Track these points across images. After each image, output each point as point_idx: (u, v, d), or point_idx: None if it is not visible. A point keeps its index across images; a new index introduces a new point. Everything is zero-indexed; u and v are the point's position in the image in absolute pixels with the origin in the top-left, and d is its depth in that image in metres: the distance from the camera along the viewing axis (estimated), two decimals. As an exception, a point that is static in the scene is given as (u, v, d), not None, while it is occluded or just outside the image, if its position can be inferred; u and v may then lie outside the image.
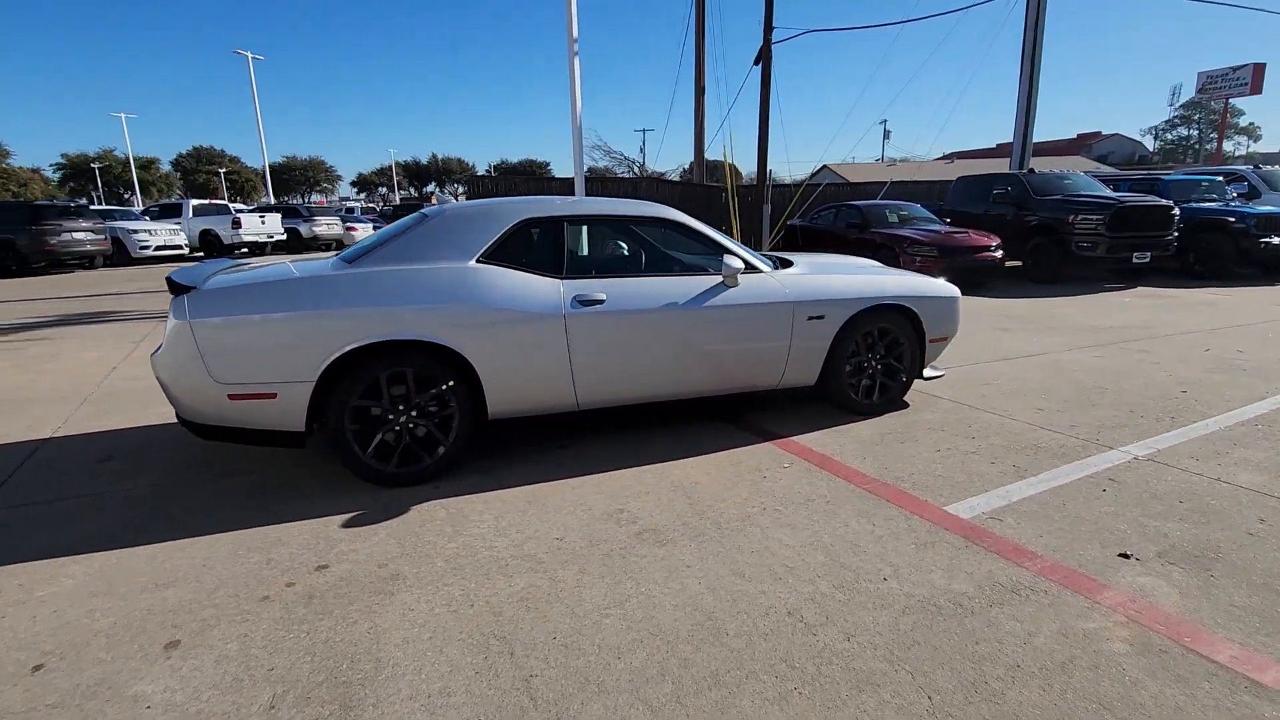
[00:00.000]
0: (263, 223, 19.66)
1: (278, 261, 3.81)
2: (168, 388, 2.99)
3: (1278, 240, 10.60)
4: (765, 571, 2.48)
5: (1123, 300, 8.86)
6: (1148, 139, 67.55)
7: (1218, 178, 12.87)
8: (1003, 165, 18.66)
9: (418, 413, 3.22)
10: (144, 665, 2.01)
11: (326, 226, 22.14)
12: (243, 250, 19.48)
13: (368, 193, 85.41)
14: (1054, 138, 57.46)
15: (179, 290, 2.97)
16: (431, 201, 34.98)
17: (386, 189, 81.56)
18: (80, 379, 5.43)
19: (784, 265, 4.23)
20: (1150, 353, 5.78)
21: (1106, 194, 11.31)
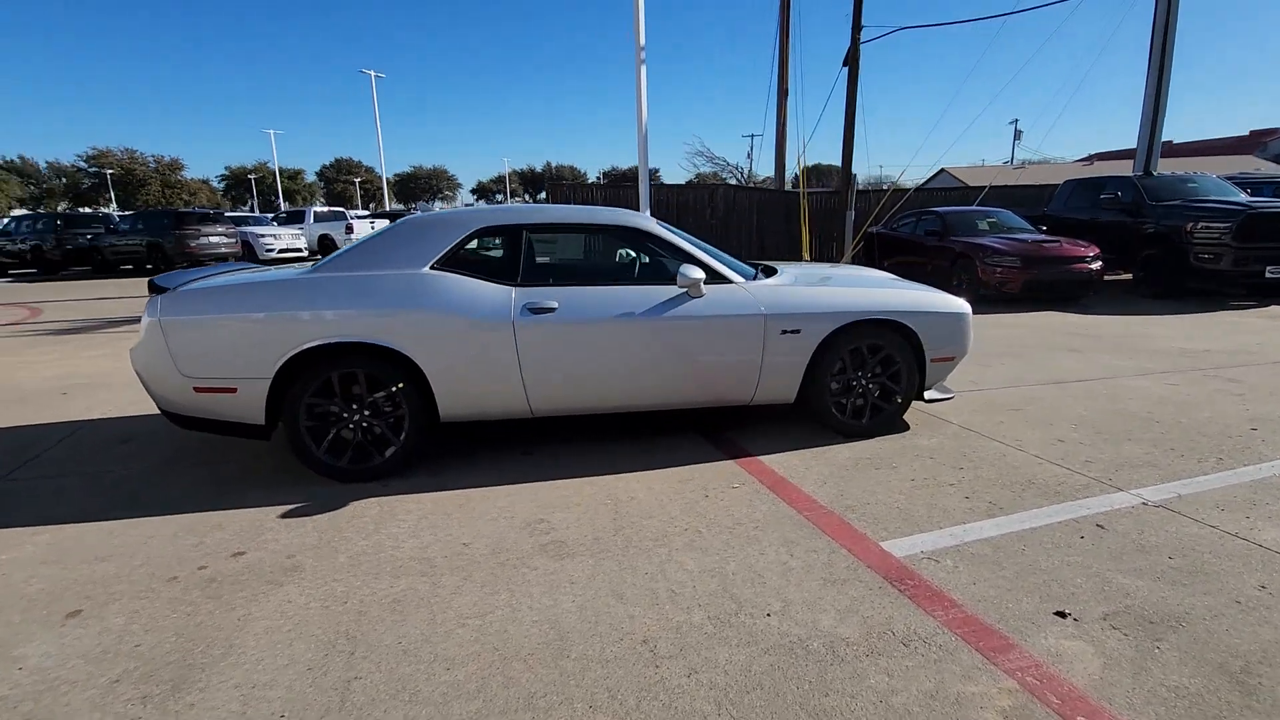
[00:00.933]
0: (372, 228, 21.20)
1: (271, 268, 4.07)
2: (143, 379, 3.29)
3: None
4: (647, 595, 2.38)
5: (1235, 321, 7.75)
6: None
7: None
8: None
9: (371, 413, 3.36)
10: (41, 630, 2.22)
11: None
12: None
13: (486, 198, 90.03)
14: (1222, 135, 51.07)
15: (157, 291, 3.26)
16: (413, 211, 36.09)
17: (502, 195, 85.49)
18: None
19: (770, 274, 4.05)
20: (1237, 383, 5.02)
21: (1237, 199, 9.95)
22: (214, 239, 17.03)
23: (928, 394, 4.03)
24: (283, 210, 27.90)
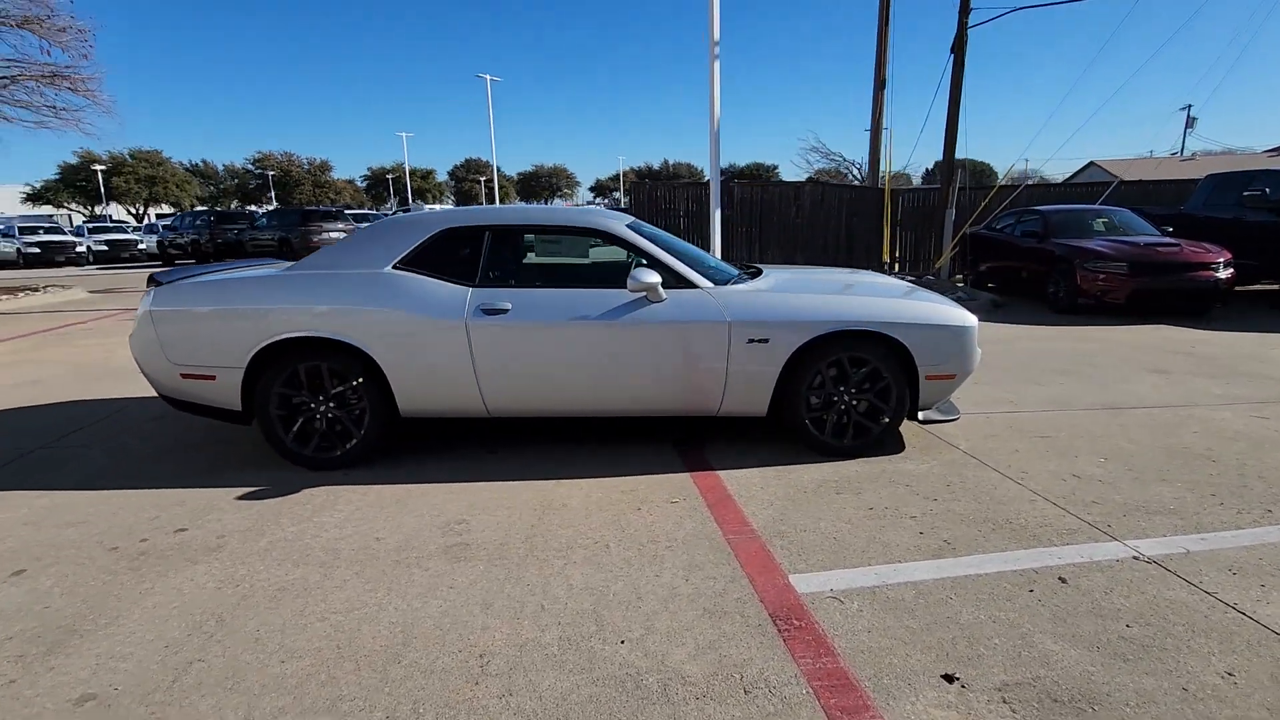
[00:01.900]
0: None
1: (263, 265, 4.30)
2: (139, 364, 3.62)
3: None
4: (513, 608, 2.33)
5: (1396, 343, 6.45)
6: None
7: None
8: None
9: (335, 405, 3.52)
10: (-15, 585, 2.50)
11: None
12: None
13: (604, 196, 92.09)
14: None
15: (154, 284, 3.58)
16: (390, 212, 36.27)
17: (618, 193, 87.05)
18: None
19: (755, 277, 3.83)
20: (1351, 418, 4.17)
21: None
22: (334, 234, 18.52)
23: (923, 414, 3.66)
24: (402, 208, 29.94)
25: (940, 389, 3.62)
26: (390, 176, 66.92)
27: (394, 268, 3.49)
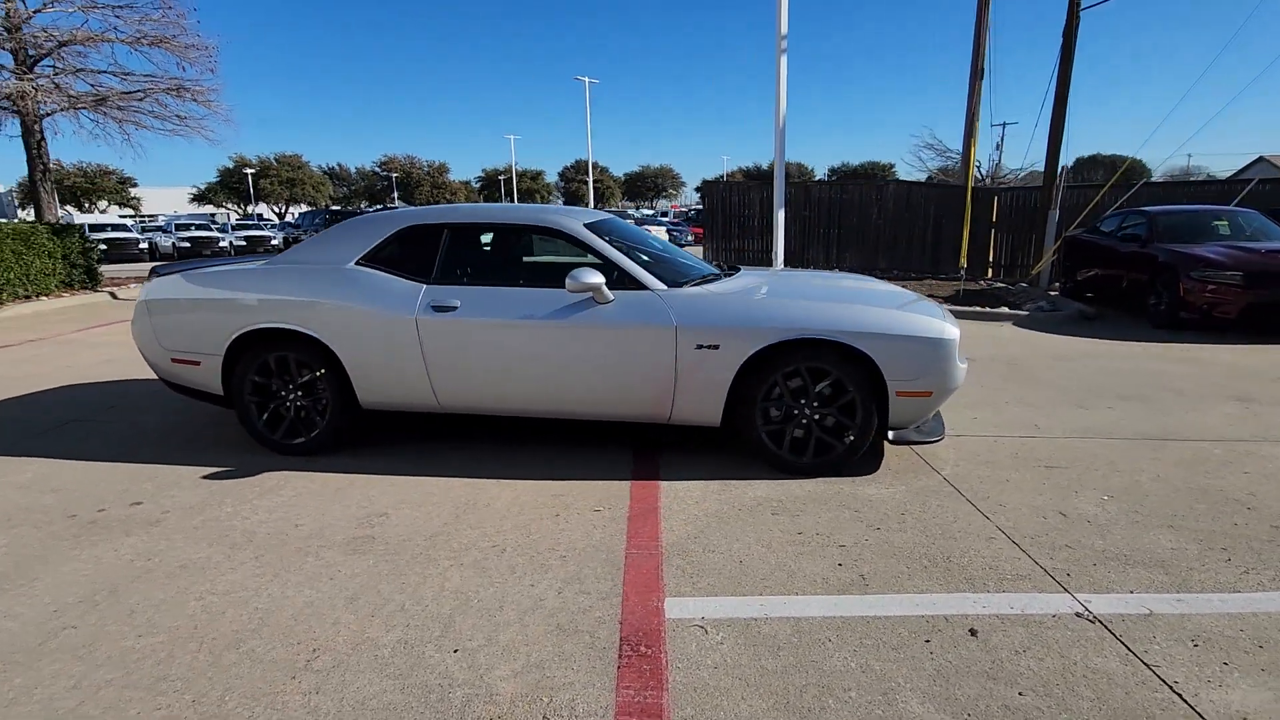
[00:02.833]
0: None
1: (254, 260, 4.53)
2: (139, 348, 3.94)
3: None
4: (374, 605, 2.32)
5: None
6: None
7: None
8: None
9: (303, 394, 3.68)
10: (-46, 540, 2.81)
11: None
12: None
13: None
14: None
15: (153, 275, 3.89)
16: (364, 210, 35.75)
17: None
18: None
19: (728, 277, 3.64)
20: None
21: None
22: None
23: (894, 433, 3.33)
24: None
25: (915, 407, 3.28)
26: (502, 178, 69.86)
27: (357, 263, 3.60)
